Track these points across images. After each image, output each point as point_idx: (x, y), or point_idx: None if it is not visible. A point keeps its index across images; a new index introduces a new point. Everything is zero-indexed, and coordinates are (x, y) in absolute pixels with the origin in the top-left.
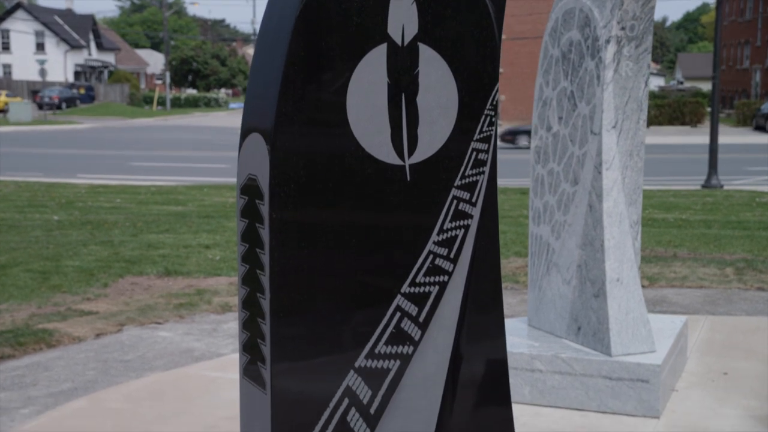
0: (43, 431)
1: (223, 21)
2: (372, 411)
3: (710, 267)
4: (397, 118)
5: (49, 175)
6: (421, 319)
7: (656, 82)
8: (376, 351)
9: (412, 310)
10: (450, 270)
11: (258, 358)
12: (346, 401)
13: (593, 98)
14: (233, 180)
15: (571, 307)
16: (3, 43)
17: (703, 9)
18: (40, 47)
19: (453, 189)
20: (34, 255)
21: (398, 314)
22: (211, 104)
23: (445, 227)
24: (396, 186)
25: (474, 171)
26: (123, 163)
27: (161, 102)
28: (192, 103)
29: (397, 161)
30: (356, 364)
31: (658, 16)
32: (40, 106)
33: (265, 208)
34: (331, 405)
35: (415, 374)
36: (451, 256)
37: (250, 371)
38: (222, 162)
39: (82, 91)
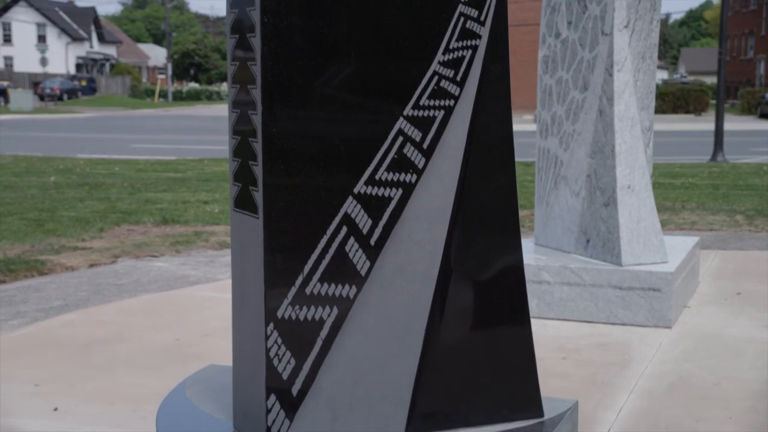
0: (33, 338)
1: (225, 18)
2: (372, 242)
3: (719, 215)
4: None
5: (48, 154)
6: (425, 146)
7: (660, 76)
8: (377, 177)
9: (416, 135)
10: (456, 94)
11: (249, 182)
12: (344, 230)
13: None
14: None
15: (580, 219)
16: (4, 35)
17: (706, 5)
18: (41, 39)
19: (460, 4)
20: (30, 207)
21: (400, 138)
22: (212, 97)
23: (450, 47)
24: None
25: None
26: (124, 145)
27: (163, 94)
28: (194, 96)
29: None
30: (355, 190)
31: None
32: (42, 98)
33: (256, 13)
34: (329, 232)
35: (418, 206)
36: (458, 78)
37: (241, 200)
38: (224, 144)
39: (84, 83)
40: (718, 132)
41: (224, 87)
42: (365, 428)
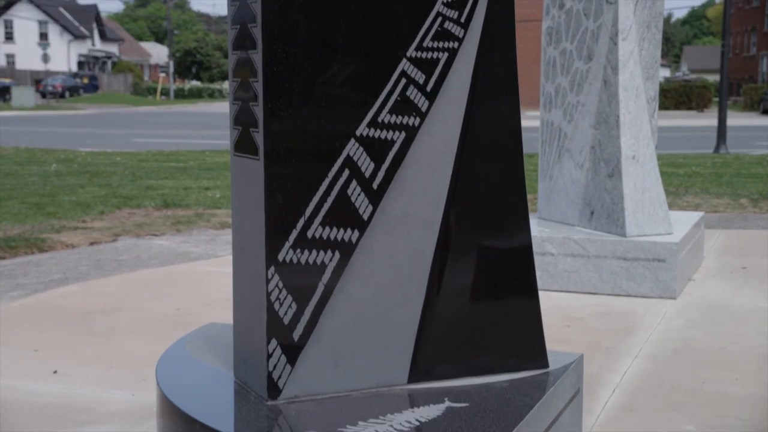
0: (32, 308)
1: (227, 17)
2: (374, 186)
3: (724, 198)
4: None
5: (50, 147)
6: (428, 89)
7: (662, 74)
8: (380, 120)
9: (419, 77)
10: (460, 36)
11: (250, 123)
12: (346, 173)
13: None
14: None
15: (584, 191)
16: (6, 33)
17: (708, 4)
18: (43, 37)
19: None
20: (31, 193)
21: (404, 80)
22: (214, 95)
23: None
24: None
25: None
26: (126, 139)
27: (165, 92)
28: (196, 94)
29: None
30: (357, 133)
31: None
32: (43, 95)
33: None
34: (330, 175)
35: (421, 150)
36: (462, 20)
37: (241, 144)
38: (226, 139)
39: (86, 81)
40: (721, 124)
41: (226, 85)
42: (367, 375)
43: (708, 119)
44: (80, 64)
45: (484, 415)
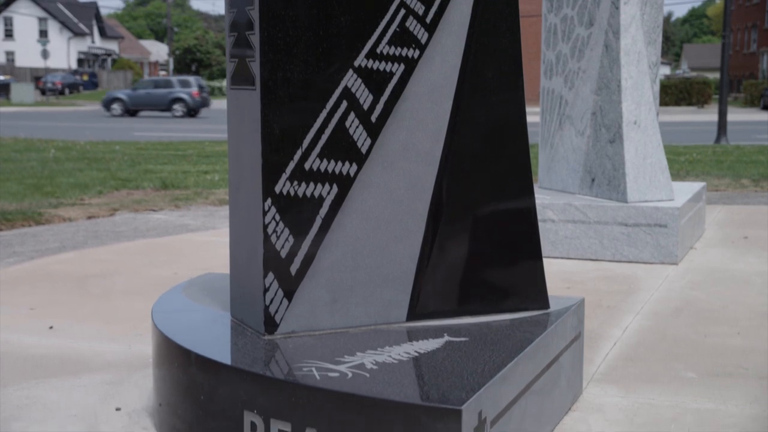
0: (30, 272)
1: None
2: (373, 119)
3: (725, 179)
4: None
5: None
6: (427, 20)
7: (662, 71)
8: (378, 51)
9: (419, 8)
10: None
11: (246, 54)
12: (344, 104)
13: None
14: None
15: (585, 158)
16: (6, 30)
17: (709, 2)
18: (43, 34)
19: None
20: (29, 175)
21: (403, 11)
22: (214, 93)
23: None
24: None
25: None
26: (126, 133)
27: None
28: None
29: None
30: (356, 63)
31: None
32: (43, 92)
33: None
34: (328, 106)
35: (421, 82)
36: None
37: (237, 75)
38: (226, 133)
39: (86, 78)
40: (722, 116)
41: (225, 83)
42: (366, 312)
43: (708, 115)
44: (80, 62)
45: (483, 348)
